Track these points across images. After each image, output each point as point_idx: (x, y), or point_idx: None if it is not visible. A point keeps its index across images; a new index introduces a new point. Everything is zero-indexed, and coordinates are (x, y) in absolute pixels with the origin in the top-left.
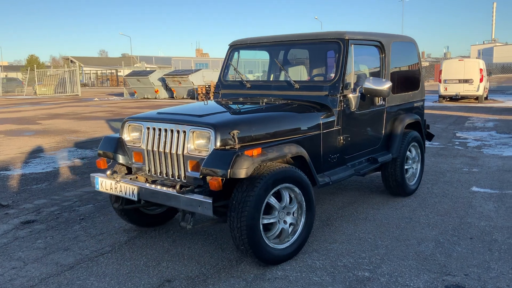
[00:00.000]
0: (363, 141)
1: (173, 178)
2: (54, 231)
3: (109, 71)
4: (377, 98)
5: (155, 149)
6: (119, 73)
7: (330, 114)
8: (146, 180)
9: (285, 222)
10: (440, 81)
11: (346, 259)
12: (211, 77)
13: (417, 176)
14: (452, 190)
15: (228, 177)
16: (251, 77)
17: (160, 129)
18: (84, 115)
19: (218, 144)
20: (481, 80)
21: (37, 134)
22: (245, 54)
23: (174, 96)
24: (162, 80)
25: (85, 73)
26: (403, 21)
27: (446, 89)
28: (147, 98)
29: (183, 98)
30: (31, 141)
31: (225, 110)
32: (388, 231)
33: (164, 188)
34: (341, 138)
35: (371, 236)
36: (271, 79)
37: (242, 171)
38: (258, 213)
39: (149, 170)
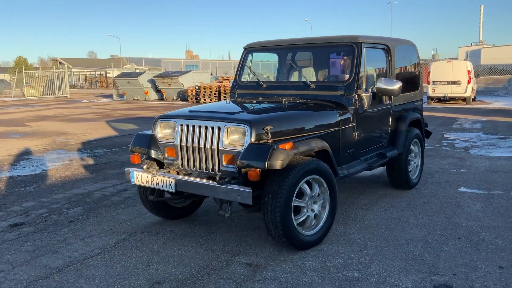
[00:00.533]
0: (373, 137)
1: (206, 171)
2: (42, 233)
3: (98, 72)
4: (384, 97)
5: (189, 144)
6: (108, 75)
7: (346, 112)
8: (178, 173)
9: (312, 210)
10: (428, 83)
11: (336, 259)
12: (201, 78)
13: (418, 170)
14: (440, 190)
15: (266, 168)
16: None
17: (194, 126)
18: (73, 117)
19: (253, 139)
20: (468, 82)
21: (25, 136)
22: (257, 57)
23: (164, 97)
24: (152, 81)
25: (74, 75)
26: (391, 23)
27: (434, 91)
28: (137, 99)
29: (173, 99)
30: (19, 143)
31: (254, 108)
32: (377, 232)
33: (204, 180)
34: (356, 134)
35: (360, 236)
36: (284, 80)
37: (278, 163)
38: (290, 202)
39: (182, 164)
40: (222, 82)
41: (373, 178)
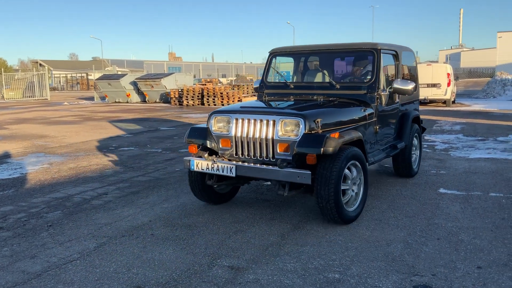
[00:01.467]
0: (387, 131)
1: (261, 159)
2: (21, 238)
3: (79, 74)
4: (395, 97)
5: (244, 135)
6: (89, 77)
7: (369, 108)
8: (229, 161)
9: (352, 190)
10: None
11: (317, 261)
12: (184, 81)
13: (417, 160)
14: (420, 192)
15: (322, 153)
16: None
17: (249, 120)
18: (53, 119)
19: (306, 129)
20: (448, 84)
21: (4, 139)
22: (279, 60)
23: (147, 100)
24: (134, 84)
25: (54, 77)
26: (373, 27)
27: None
28: (119, 102)
29: (155, 102)
30: None
31: (298, 104)
32: (358, 233)
33: (264, 165)
34: (376, 127)
35: (341, 238)
36: (308, 81)
37: (331, 149)
38: (340, 182)
39: (236, 153)
40: (205, 84)
41: None
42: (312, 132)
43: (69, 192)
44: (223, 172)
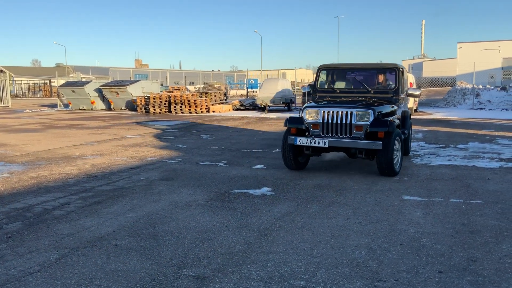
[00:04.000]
0: (400, 122)
1: (341, 136)
2: None
3: (42, 81)
4: (403, 98)
5: (329, 121)
6: (52, 84)
7: (395, 106)
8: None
9: (397, 155)
10: None
11: (283, 268)
12: (150, 88)
13: (410, 144)
14: (384, 198)
15: (387, 131)
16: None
17: (333, 112)
18: (14, 127)
19: (373, 118)
20: None
21: None
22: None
23: (112, 107)
24: (99, 91)
25: (16, 84)
26: (339, 37)
27: None
28: (83, 109)
29: (121, 109)
30: None
31: (361, 102)
32: (324, 240)
33: (348, 140)
34: (398, 120)
35: (307, 245)
36: (349, 87)
37: (391, 128)
38: (394, 149)
39: (323, 133)
40: (172, 92)
41: (322, 185)
42: (378, 118)
43: (30, 202)
44: (318, 144)
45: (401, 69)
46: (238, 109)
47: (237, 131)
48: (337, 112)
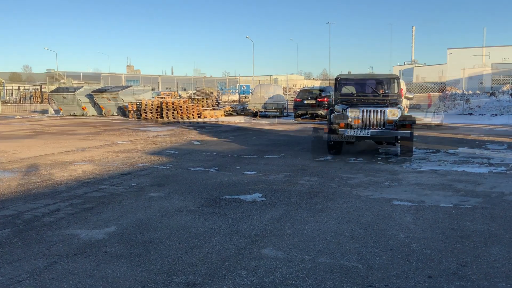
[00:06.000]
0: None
1: (377, 128)
2: None
3: (33, 87)
4: (405, 101)
5: (367, 118)
6: (43, 90)
7: (399, 106)
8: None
9: None
10: None
11: (274, 275)
12: (142, 94)
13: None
14: (374, 203)
15: (414, 122)
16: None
17: (370, 110)
18: (4, 134)
19: (400, 114)
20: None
21: None
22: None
23: (103, 113)
24: (90, 96)
25: (6, 89)
26: (330, 42)
27: None
28: (74, 115)
29: (112, 115)
30: None
31: (378, 103)
32: (315, 245)
33: (385, 131)
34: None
35: (298, 250)
36: (364, 92)
37: (416, 120)
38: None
39: (362, 126)
40: (164, 97)
41: (313, 191)
42: (403, 114)
43: (19, 209)
44: (363, 134)
45: (399, 78)
46: (230, 115)
47: (229, 137)
48: (374, 110)
